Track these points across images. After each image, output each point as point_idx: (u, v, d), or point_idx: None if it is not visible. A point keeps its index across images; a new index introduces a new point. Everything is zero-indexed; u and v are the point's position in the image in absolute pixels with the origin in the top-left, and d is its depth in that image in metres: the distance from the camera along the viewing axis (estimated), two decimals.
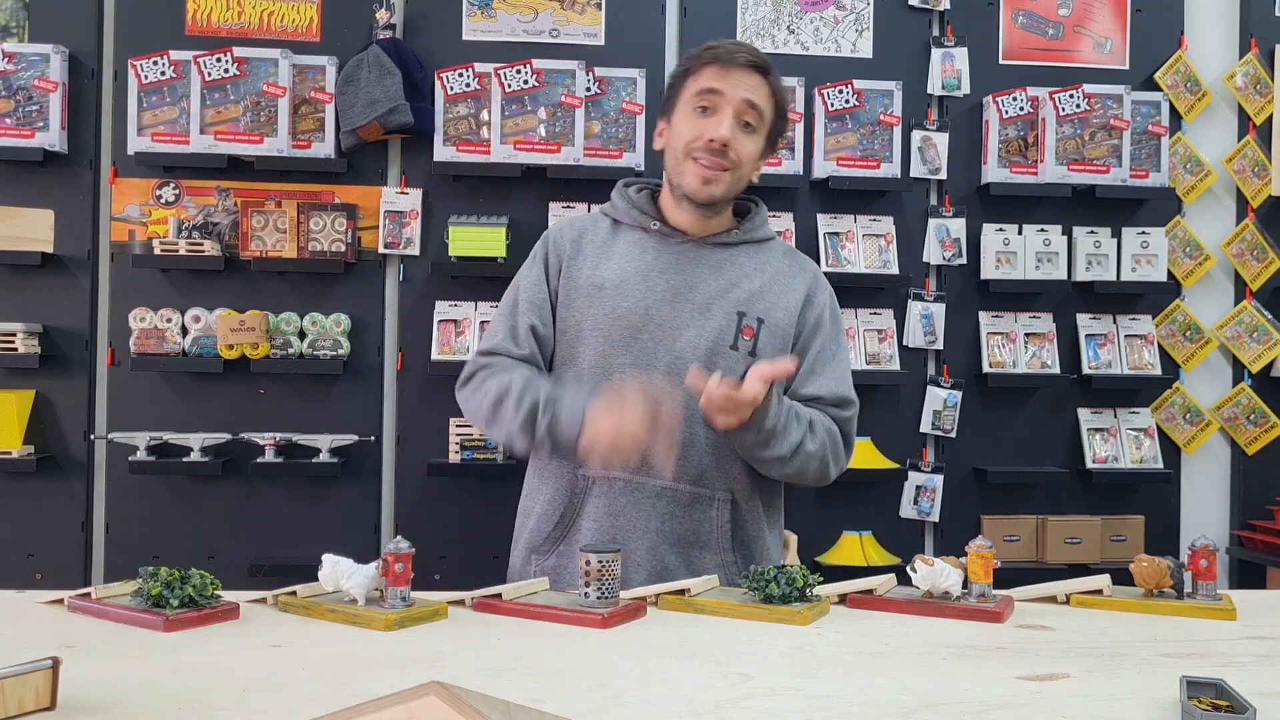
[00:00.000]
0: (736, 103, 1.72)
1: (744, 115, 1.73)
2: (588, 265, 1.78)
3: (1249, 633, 1.33)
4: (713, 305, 1.74)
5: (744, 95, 1.72)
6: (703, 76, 1.74)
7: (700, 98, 1.73)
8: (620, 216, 1.83)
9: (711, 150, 1.71)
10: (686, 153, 1.73)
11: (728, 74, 1.72)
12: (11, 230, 2.93)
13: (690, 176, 1.73)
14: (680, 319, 1.73)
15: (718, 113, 1.72)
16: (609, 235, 1.82)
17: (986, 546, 1.41)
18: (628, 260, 1.77)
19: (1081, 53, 3.20)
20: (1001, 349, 3.14)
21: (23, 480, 2.92)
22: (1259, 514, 3.18)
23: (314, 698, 1.00)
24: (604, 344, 1.73)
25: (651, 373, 1.71)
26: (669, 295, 1.74)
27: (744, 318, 1.74)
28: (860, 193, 3.10)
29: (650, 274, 1.76)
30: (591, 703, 1.00)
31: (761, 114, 1.75)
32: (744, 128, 1.74)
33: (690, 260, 1.77)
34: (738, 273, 1.78)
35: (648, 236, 1.80)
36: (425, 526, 2.96)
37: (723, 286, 1.76)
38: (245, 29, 3.00)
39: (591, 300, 1.75)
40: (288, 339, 2.92)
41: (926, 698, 1.03)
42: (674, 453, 1.63)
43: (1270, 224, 3.22)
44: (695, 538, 1.73)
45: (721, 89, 1.72)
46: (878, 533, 3.09)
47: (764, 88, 1.75)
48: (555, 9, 3.07)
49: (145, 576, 1.32)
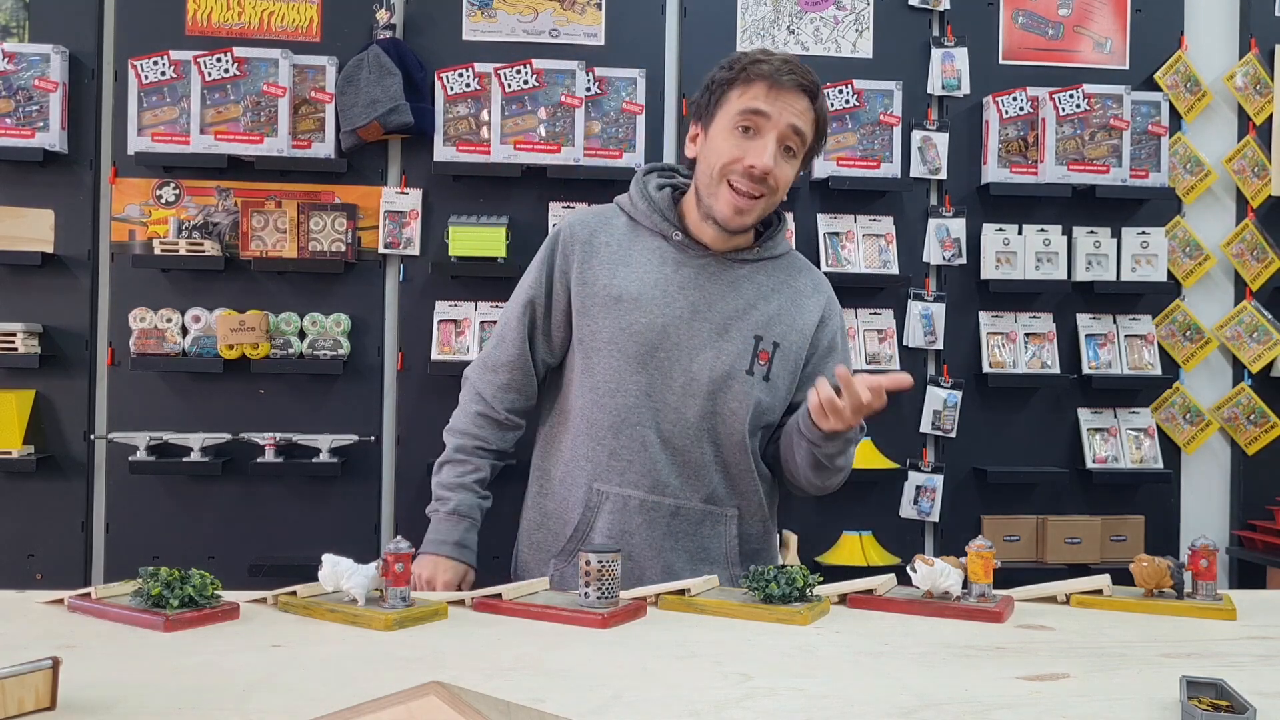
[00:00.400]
0: (782, 128, 1.65)
1: (787, 140, 1.67)
2: (604, 271, 1.74)
3: (1249, 633, 1.33)
4: (730, 327, 1.72)
5: (790, 120, 1.66)
6: (750, 93, 1.66)
7: (744, 117, 1.66)
8: (640, 218, 1.78)
9: (751, 177, 1.65)
10: (722, 175, 1.67)
11: (777, 95, 1.65)
12: (11, 230, 2.93)
13: (723, 203, 1.68)
14: (698, 339, 1.71)
15: (761, 136, 1.65)
16: (626, 236, 1.77)
17: (986, 546, 1.41)
18: (646, 271, 1.73)
19: (1081, 53, 3.20)
20: (1001, 349, 3.14)
21: (23, 480, 2.92)
22: (1259, 514, 3.18)
23: (314, 698, 1.00)
24: (619, 358, 1.71)
25: (666, 392, 1.70)
26: (688, 312, 1.71)
27: (760, 341, 1.73)
28: (860, 193, 3.10)
29: (670, 288, 1.72)
30: (591, 703, 1.00)
31: (804, 139, 1.69)
32: (785, 152, 1.68)
33: (710, 276, 1.74)
34: (756, 292, 1.75)
35: (668, 246, 1.75)
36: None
37: (741, 307, 1.73)
38: (245, 29, 3.00)
39: (609, 311, 1.72)
40: (288, 339, 2.92)
41: (926, 698, 1.03)
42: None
43: (1270, 224, 3.22)
44: (705, 553, 1.74)
45: (769, 111, 1.65)
46: (878, 533, 3.09)
47: (810, 112, 1.69)
48: (555, 9, 3.07)
49: (145, 576, 1.32)
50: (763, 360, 1.73)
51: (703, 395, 1.70)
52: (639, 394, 1.70)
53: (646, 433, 1.70)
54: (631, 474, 1.71)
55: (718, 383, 1.70)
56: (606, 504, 1.72)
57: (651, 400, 1.71)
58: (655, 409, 1.71)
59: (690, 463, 1.72)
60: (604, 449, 1.72)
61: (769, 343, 1.74)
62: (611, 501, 1.71)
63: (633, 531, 1.71)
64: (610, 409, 1.71)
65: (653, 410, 1.71)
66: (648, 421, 1.70)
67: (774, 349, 1.74)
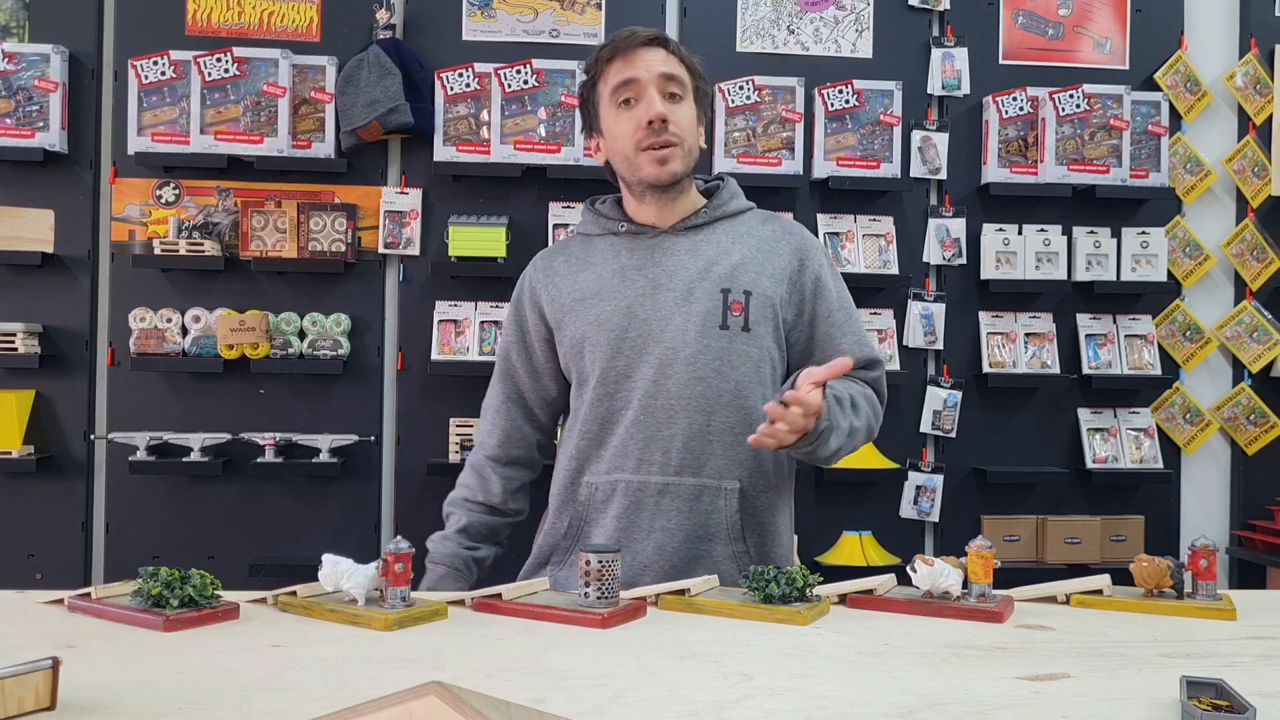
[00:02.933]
0: (654, 79, 1.71)
1: (665, 88, 1.72)
2: (566, 282, 1.79)
3: (1249, 633, 1.33)
4: (694, 289, 1.72)
5: (657, 70, 1.71)
6: (610, 73, 1.73)
7: (619, 92, 1.72)
8: (590, 229, 1.84)
9: (654, 130, 1.69)
10: (635, 147, 1.72)
11: (631, 60, 1.72)
12: (11, 230, 2.93)
13: (646, 166, 1.72)
14: (664, 309, 1.72)
15: (640, 97, 1.71)
16: (581, 249, 1.83)
17: (986, 546, 1.41)
18: (604, 266, 1.77)
19: (1081, 53, 3.20)
20: (1001, 349, 3.14)
21: (23, 480, 2.92)
22: (1259, 514, 3.18)
23: (314, 698, 1.00)
24: (599, 350, 1.73)
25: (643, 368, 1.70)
26: (649, 288, 1.73)
27: (729, 294, 1.72)
28: (860, 193, 3.10)
29: (627, 272, 1.75)
30: (591, 703, 1.00)
31: (681, 81, 1.74)
32: (670, 99, 1.72)
33: (664, 250, 1.76)
34: (714, 250, 1.76)
35: (619, 239, 1.79)
36: (425, 526, 2.92)
37: (701, 268, 1.74)
38: (245, 29, 3.00)
39: (577, 313, 1.75)
40: (288, 339, 2.92)
41: (926, 698, 1.03)
42: None
43: (1270, 224, 3.22)
44: (704, 530, 1.71)
45: (632, 76, 1.71)
46: (878, 533, 3.08)
47: (670, 58, 1.74)
48: (555, 9, 3.07)
49: (145, 576, 1.32)
50: (735, 311, 1.72)
51: (681, 363, 1.70)
52: (618, 378, 1.72)
53: (629, 413, 1.71)
54: (617, 459, 1.71)
55: (693, 344, 1.70)
56: (596, 495, 1.73)
57: (631, 381, 1.71)
58: (637, 389, 1.71)
59: (678, 436, 1.70)
60: (591, 442, 1.74)
61: (739, 293, 1.73)
62: (600, 492, 1.73)
63: (623, 514, 1.70)
64: (594, 400, 1.73)
65: (634, 391, 1.71)
66: (633, 403, 1.71)
67: (746, 297, 1.73)
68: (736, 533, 1.72)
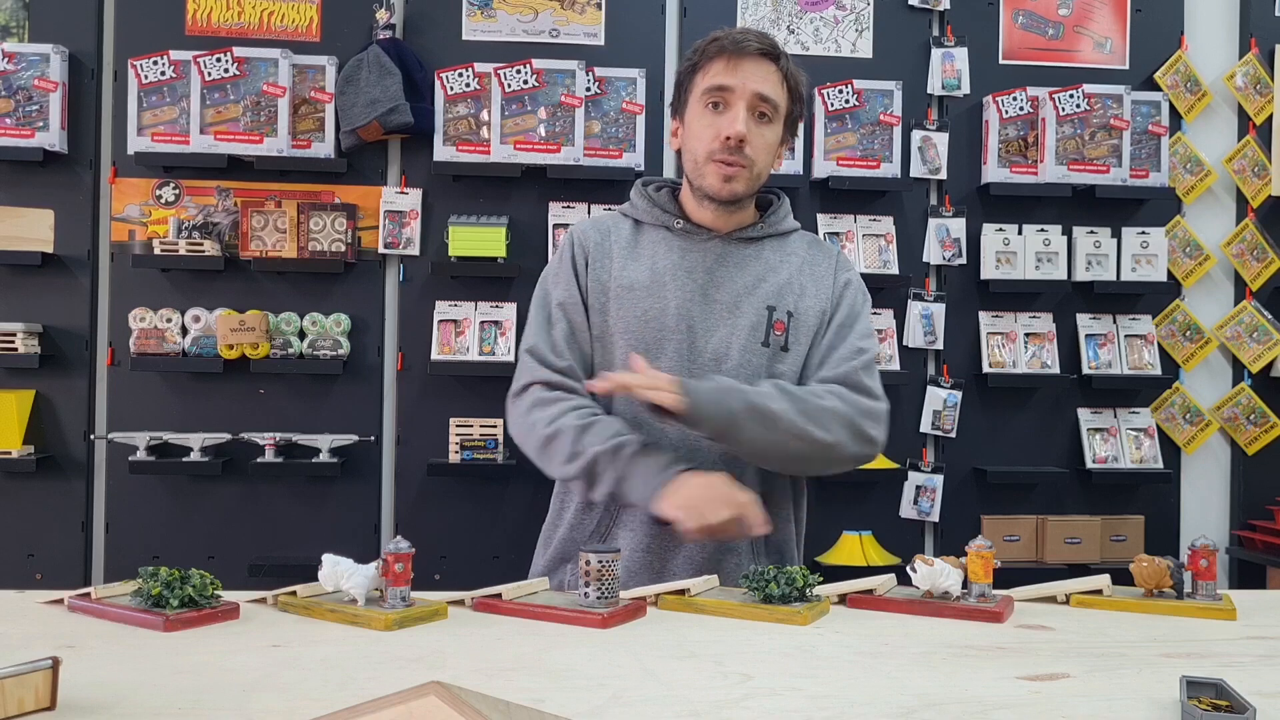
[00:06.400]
0: (748, 96, 1.68)
1: (757, 107, 1.69)
2: (615, 266, 1.75)
3: (1249, 633, 1.33)
4: (742, 302, 1.72)
5: (754, 88, 1.68)
6: (711, 71, 1.70)
7: (710, 94, 1.69)
8: (641, 216, 1.80)
9: (728, 148, 1.67)
10: (707, 155, 1.70)
11: (736, 66, 1.68)
12: (11, 230, 2.93)
13: (711, 177, 1.70)
14: (712, 319, 1.71)
15: (730, 108, 1.68)
16: (632, 235, 1.79)
17: (986, 546, 1.41)
18: (655, 260, 1.74)
19: (1081, 53, 3.20)
20: (1001, 349, 3.14)
21: (23, 480, 2.92)
22: (1259, 514, 3.18)
23: (314, 698, 1.00)
24: (636, 346, 1.69)
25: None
26: (699, 294, 1.71)
27: (774, 312, 1.72)
28: (860, 193, 3.10)
29: (679, 273, 1.73)
30: (591, 703, 1.00)
31: (775, 104, 1.71)
32: (759, 119, 1.70)
33: (717, 257, 1.75)
34: (764, 267, 1.75)
35: (672, 235, 1.77)
36: (425, 526, 2.96)
37: (750, 283, 1.73)
38: (245, 29, 3.00)
39: (621, 302, 1.72)
40: (288, 339, 2.92)
41: (926, 698, 1.03)
42: (754, 530, 1.59)
43: (1270, 224, 3.22)
44: (730, 545, 1.70)
45: (731, 84, 1.68)
46: (878, 533, 3.08)
47: (775, 75, 1.70)
48: (555, 9, 3.07)
49: (145, 576, 1.32)
50: (778, 331, 1.72)
51: (723, 375, 1.67)
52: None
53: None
54: None
55: (735, 359, 1.69)
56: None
57: None
58: None
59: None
60: None
61: (783, 312, 1.72)
62: None
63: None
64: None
65: None
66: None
67: (789, 318, 1.72)
68: (760, 548, 1.73)
